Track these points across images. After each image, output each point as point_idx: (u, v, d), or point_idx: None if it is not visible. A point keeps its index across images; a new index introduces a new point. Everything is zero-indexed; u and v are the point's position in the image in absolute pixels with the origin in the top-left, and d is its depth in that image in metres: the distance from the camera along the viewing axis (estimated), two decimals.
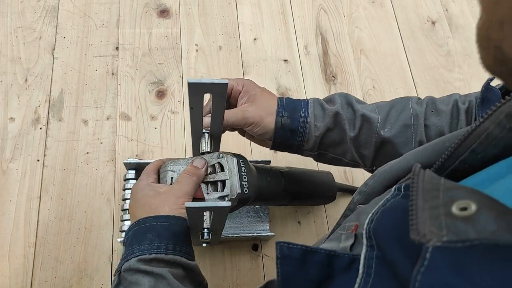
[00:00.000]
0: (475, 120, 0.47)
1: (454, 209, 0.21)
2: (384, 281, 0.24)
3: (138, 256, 0.39)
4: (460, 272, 0.18)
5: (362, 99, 0.84)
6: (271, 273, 0.66)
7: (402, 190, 0.30)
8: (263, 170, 0.54)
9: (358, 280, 0.25)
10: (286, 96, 0.52)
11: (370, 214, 0.29)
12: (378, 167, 0.39)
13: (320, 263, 0.28)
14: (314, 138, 0.50)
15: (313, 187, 0.64)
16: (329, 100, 0.53)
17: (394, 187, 0.31)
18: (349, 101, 0.51)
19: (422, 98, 0.52)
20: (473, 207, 0.20)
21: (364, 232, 0.28)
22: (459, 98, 0.50)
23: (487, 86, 0.43)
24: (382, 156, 0.49)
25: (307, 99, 0.52)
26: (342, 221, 0.41)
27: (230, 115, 0.48)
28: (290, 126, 0.49)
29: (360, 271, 0.26)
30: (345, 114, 0.49)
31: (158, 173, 0.49)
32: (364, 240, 0.27)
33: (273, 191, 0.55)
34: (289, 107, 0.50)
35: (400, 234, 0.25)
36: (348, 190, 0.73)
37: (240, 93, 0.51)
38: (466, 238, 0.19)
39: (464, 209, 0.20)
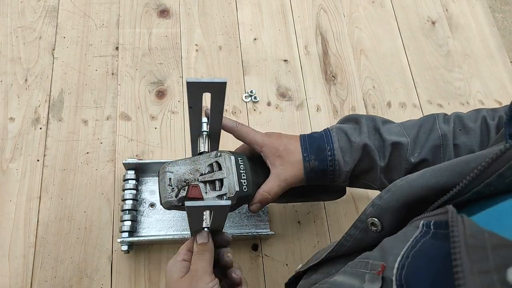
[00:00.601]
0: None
1: (510, 277, 0.18)
2: None
3: None
4: None
5: (362, 99, 0.84)
6: (271, 273, 0.66)
7: (432, 227, 0.27)
8: (265, 167, 0.54)
9: None
10: (305, 134, 0.51)
11: (399, 257, 0.27)
12: None
13: None
14: (345, 173, 0.50)
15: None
16: (355, 121, 0.51)
17: (421, 222, 0.29)
18: (376, 126, 0.49)
19: (449, 114, 0.50)
20: None
21: (394, 278, 0.26)
22: (487, 113, 0.48)
23: None
24: None
25: (329, 130, 0.51)
26: (353, 233, 0.39)
27: (274, 188, 0.49)
28: (319, 168, 0.49)
29: None
30: (374, 143, 0.48)
31: (189, 251, 0.46)
32: None
33: None
34: (313, 148, 0.49)
35: (442, 287, 0.22)
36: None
37: (260, 151, 0.51)
38: None
39: None
